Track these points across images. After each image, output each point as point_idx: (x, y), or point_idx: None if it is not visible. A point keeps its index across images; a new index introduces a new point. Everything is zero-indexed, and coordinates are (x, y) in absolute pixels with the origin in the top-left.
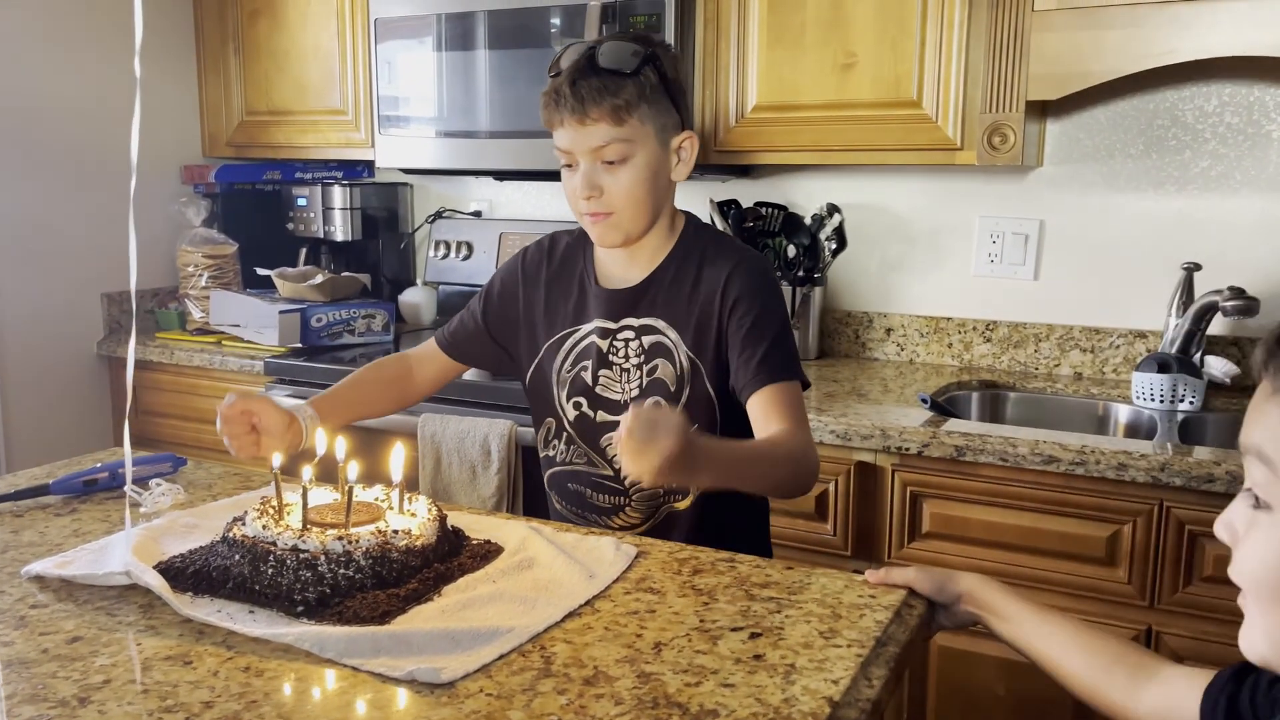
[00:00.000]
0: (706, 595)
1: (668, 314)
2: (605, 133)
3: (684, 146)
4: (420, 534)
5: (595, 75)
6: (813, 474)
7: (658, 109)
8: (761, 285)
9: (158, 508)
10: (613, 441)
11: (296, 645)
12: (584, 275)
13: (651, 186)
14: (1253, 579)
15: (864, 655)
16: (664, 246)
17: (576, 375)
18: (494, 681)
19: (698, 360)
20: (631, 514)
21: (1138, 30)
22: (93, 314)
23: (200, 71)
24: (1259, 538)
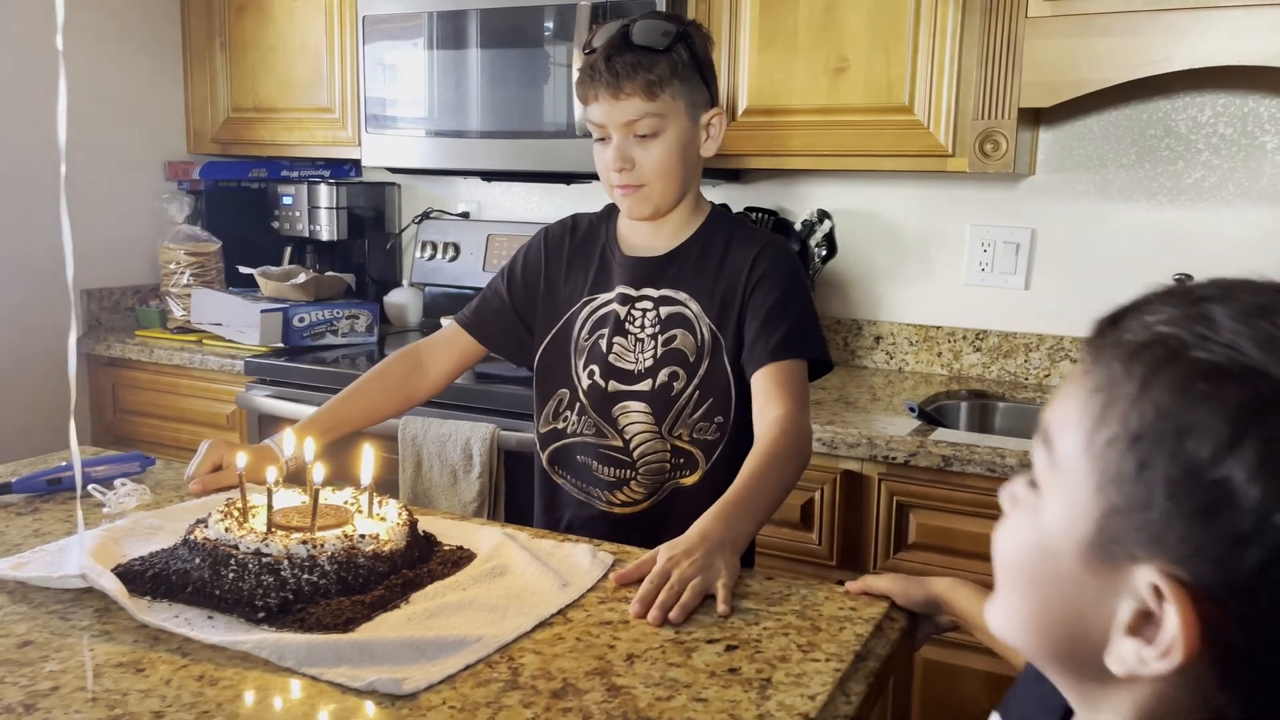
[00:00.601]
0: None
1: (692, 286)
2: (638, 107)
3: (713, 123)
4: (389, 539)
5: (630, 51)
6: (807, 454)
7: (689, 85)
8: (789, 267)
9: (121, 509)
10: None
11: (255, 653)
12: (606, 247)
13: (682, 160)
14: (1000, 560)
15: (842, 670)
16: (690, 223)
17: (594, 343)
18: (458, 693)
19: (720, 334)
20: (635, 489)
21: (1132, 38)
22: (70, 310)
23: (186, 67)
24: (1017, 520)
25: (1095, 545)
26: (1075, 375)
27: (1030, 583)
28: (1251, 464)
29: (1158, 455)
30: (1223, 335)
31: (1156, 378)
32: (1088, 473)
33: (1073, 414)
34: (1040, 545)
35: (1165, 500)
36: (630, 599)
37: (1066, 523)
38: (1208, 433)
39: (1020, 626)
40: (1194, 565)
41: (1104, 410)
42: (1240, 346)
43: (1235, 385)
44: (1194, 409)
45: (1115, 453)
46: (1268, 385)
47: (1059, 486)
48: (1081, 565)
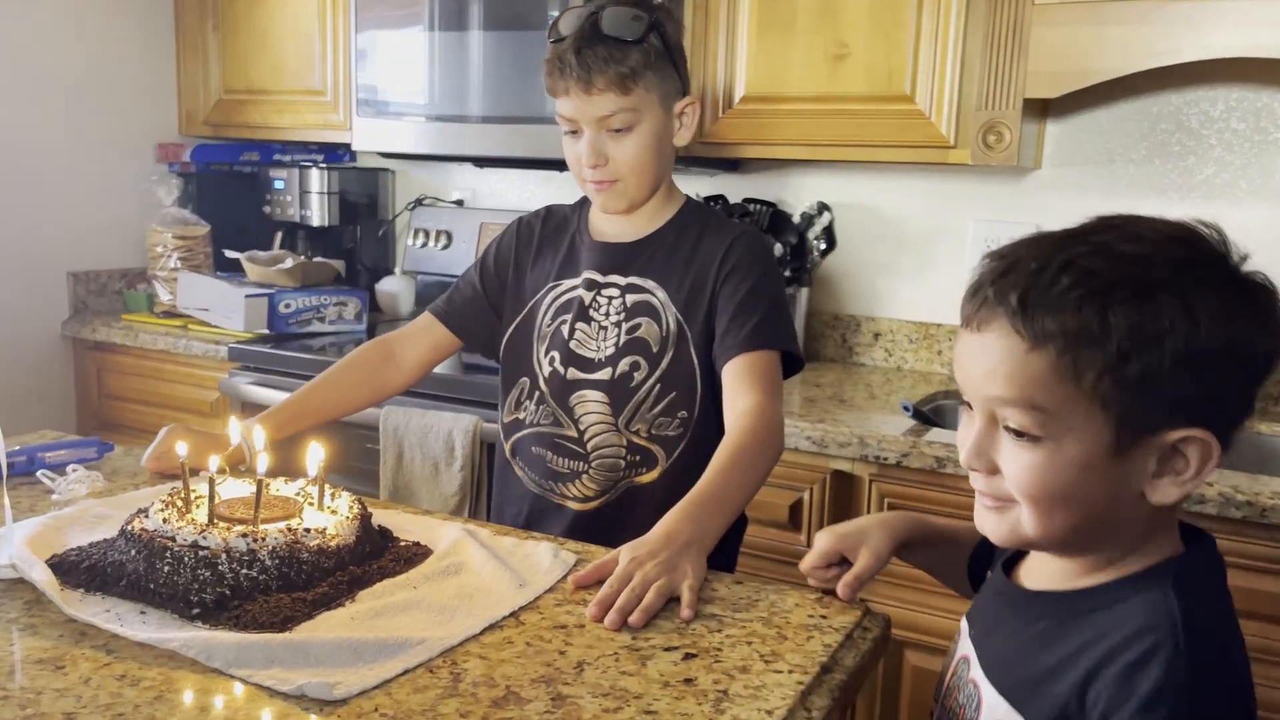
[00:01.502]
0: None
1: (660, 274)
2: (611, 102)
3: (686, 112)
4: (336, 534)
5: (600, 43)
6: (780, 447)
7: (662, 76)
8: (761, 258)
9: (71, 495)
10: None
11: (182, 652)
12: (576, 233)
13: (656, 153)
14: (1043, 493)
15: (805, 683)
16: (663, 212)
17: (556, 330)
18: (393, 700)
19: (686, 325)
20: (589, 484)
21: (1142, 27)
22: (58, 292)
23: (179, 48)
24: (1038, 461)
25: (1119, 443)
26: (1010, 349)
27: (1075, 498)
28: (1210, 331)
29: (1147, 362)
30: (1117, 275)
31: (1108, 317)
32: (1090, 404)
33: (1049, 376)
34: (1075, 470)
35: (1171, 387)
36: (590, 601)
37: (1090, 443)
38: (1173, 329)
39: (1064, 530)
40: (1201, 412)
41: (1077, 360)
42: (1131, 275)
43: (1162, 293)
44: (1154, 321)
45: (1109, 379)
46: (1180, 290)
47: (1070, 427)
48: (1111, 462)
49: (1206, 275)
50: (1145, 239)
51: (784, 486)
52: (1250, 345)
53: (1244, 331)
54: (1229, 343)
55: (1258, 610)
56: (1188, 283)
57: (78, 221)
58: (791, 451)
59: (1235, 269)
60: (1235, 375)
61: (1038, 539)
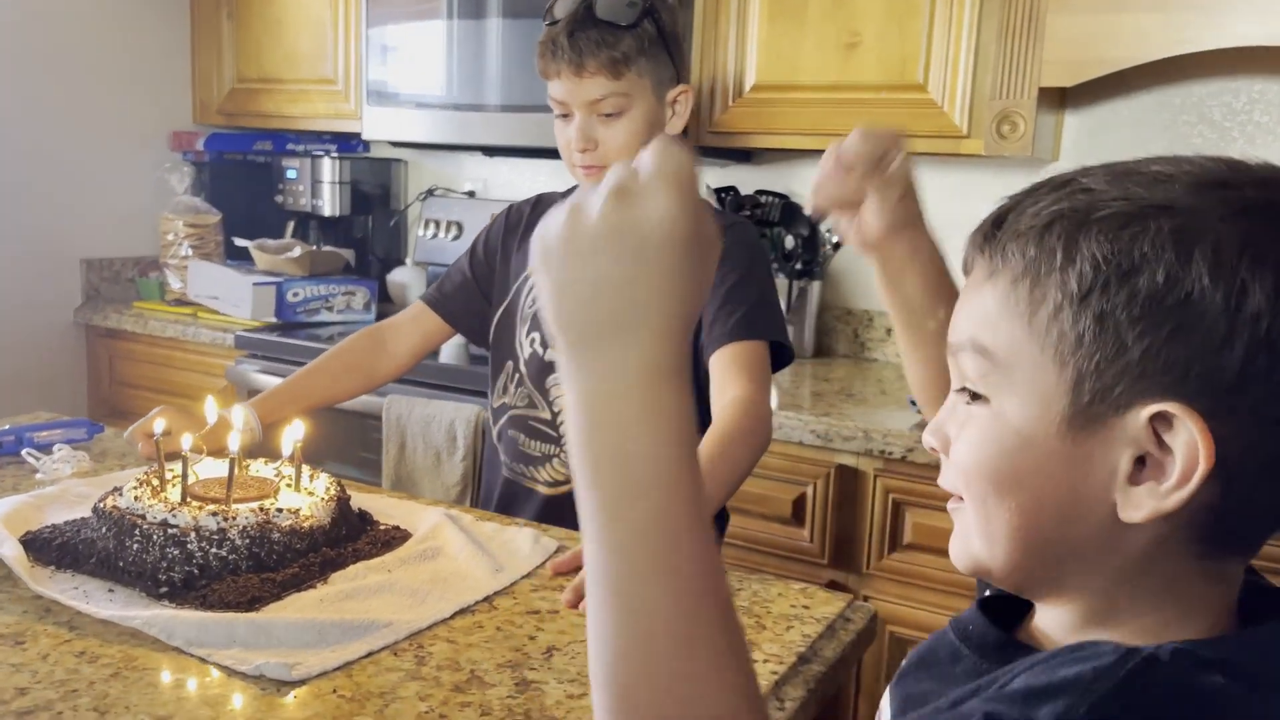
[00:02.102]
0: None
1: None
2: (602, 86)
3: (679, 100)
4: (310, 514)
5: (593, 26)
6: (767, 437)
7: (655, 62)
8: (750, 248)
9: (55, 475)
10: None
11: (144, 630)
12: None
13: (647, 139)
14: (976, 473)
15: (780, 673)
16: None
17: (537, 310)
18: (353, 682)
19: None
20: (559, 467)
21: (1161, 15)
22: (71, 280)
23: (194, 37)
24: (976, 430)
25: (1075, 415)
26: (978, 285)
27: (1014, 484)
28: (1205, 272)
29: (1113, 302)
30: (1113, 193)
31: (1078, 241)
32: (1040, 352)
33: (996, 311)
34: (1015, 442)
35: (1138, 338)
36: (562, 589)
37: (1037, 408)
38: (1154, 263)
39: (1007, 540)
40: (1184, 386)
41: (1033, 291)
42: (1135, 195)
43: (1155, 219)
44: (1131, 249)
45: (1065, 321)
46: (1183, 213)
47: (1012, 382)
48: (1065, 442)
49: (1235, 202)
50: (1174, 161)
51: (787, 481)
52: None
53: (1274, 281)
54: (1242, 292)
55: None
56: (1199, 205)
57: (91, 209)
58: (796, 445)
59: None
60: (1248, 342)
61: (986, 554)
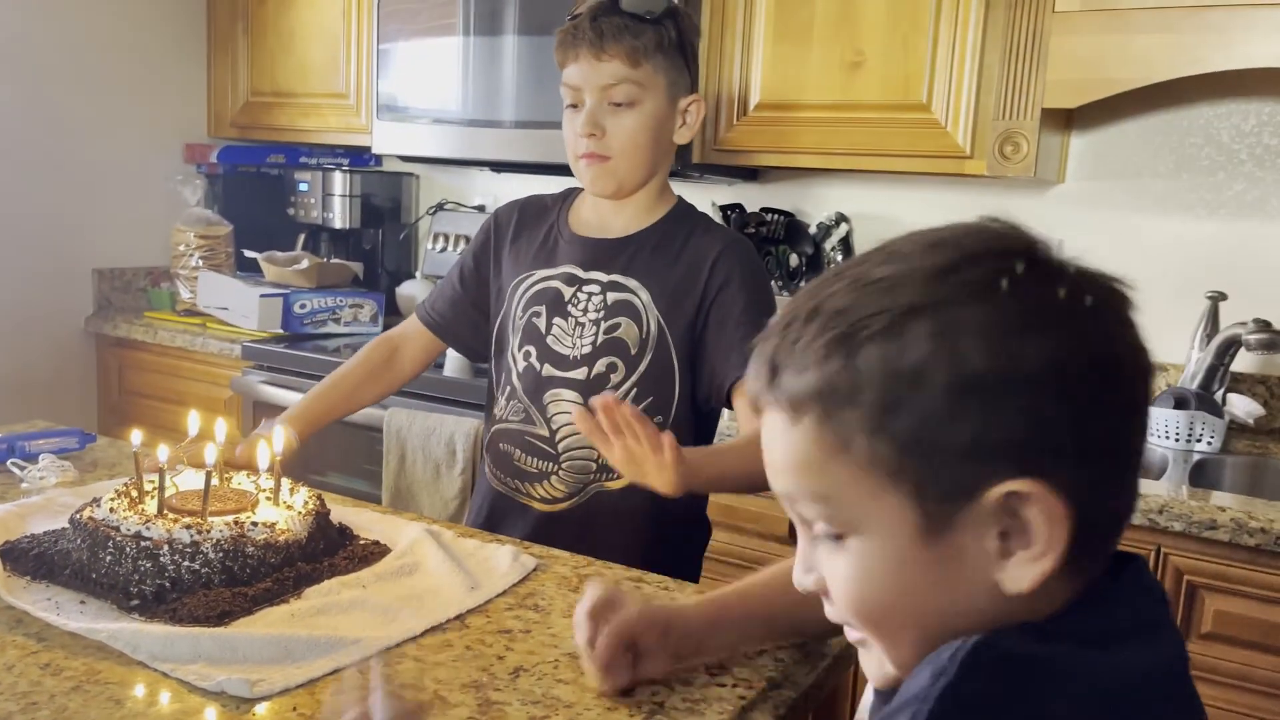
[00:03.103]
0: None
1: (644, 274)
2: (619, 71)
3: (690, 109)
4: (287, 528)
5: (617, 15)
6: None
7: (672, 63)
8: (755, 271)
9: (40, 485)
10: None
11: (110, 644)
12: (556, 224)
13: (653, 138)
14: (862, 608)
15: (748, 698)
16: (652, 211)
17: (529, 321)
18: (314, 700)
19: (667, 328)
20: (557, 485)
21: (1166, 36)
22: (83, 289)
23: (210, 50)
24: (845, 568)
25: (929, 522)
26: (780, 430)
27: (901, 604)
28: (979, 356)
29: (913, 410)
30: (863, 309)
31: (856, 367)
32: (871, 478)
33: (812, 455)
34: (886, 568)
35: (952, 434)
36: (536, 608)
37: (893, 529)
38: (932, 364)
39: (912, 649)
40: (1013, 457)
41: (836, 427)
42: (884, 305)
43: (913, 324)
44: (904, 360)
45: (879, 444)
46: (933, 310)
47: (859, 515)
48: (932, 549)
49: (971, 280)
50: (902, 255)
51: None
52: (1062, 357)
53: (1041, 341)
54: (1018, 360)
55: (1273, 644)
56: (942, 295)
57: (105, 220)
58: None
59: (1039, 263)
60: (1051, 401)
61: (900, 668)
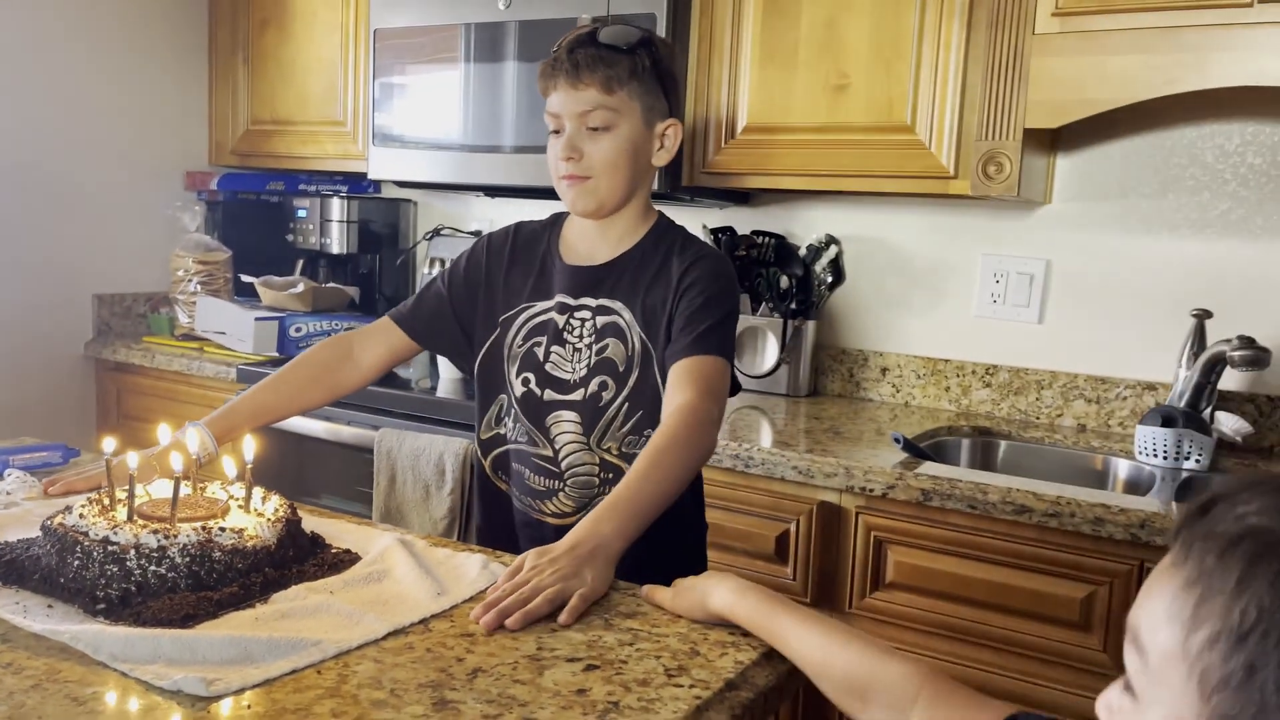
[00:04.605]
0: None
1: (626, 295)
2: (594, 98)
3: (668, 134)
4: (255, 535)
5: (594, 47)
6: (708, 443)
7: (647, 90)
8: (718, 276)
9: (8, 501)
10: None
11: (72, 644)
12: (548, 254)
13: (631, 159)
14: None
15: (704, 698)
16: (635, 232)
17: (529, 351)
18: (270, 699)
19: (650, 344)
20: (565, 500)
21: (1144, 57)
22: (83, 314)
23: (211, 80)
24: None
25: None
26: (1163, 571)
27: None
28: None
29: (1267, 657)
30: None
31: (1255, 572)
32: (1187, 677)
33: (1163, 612)
34: None
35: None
36: (501, 613)
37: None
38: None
39: None
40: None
41: (1198, 607)
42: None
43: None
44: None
45: (1218, 654)
46: None
47: (1158, 694)
48: None
49: None
50: None
51: (770, 518)
52: None
53: None
54: None
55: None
56: None
57: (105, 245)
58: (778, 481)
59: None
60: None
61: None
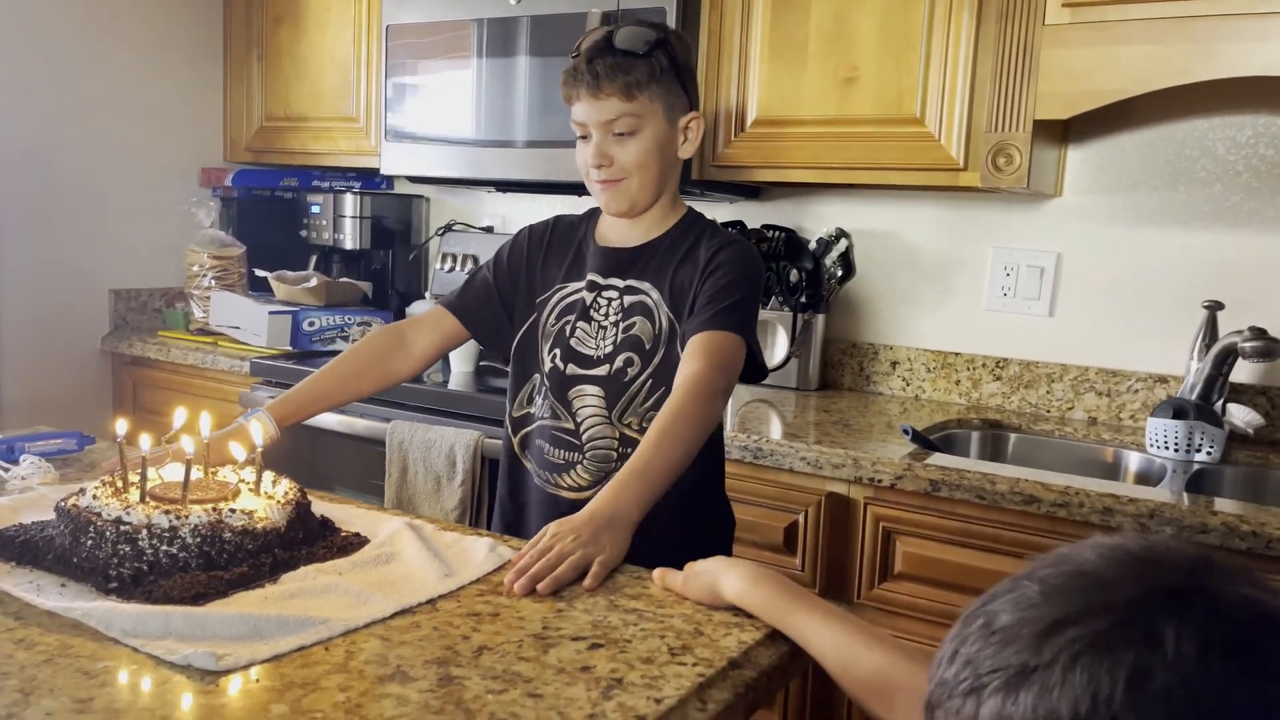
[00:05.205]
0: (565, 603)
1: (655, 277)
2: (616, 107)
3: (690, 126)
4: (265, 517)
5: (611, 54)
6: (715, 412)
7: (666, 89)
8: (745, 260)
9: (23, 485)
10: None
11: (84, 621)
12: (584, 240)
13: (658, 158)
14: None
15: (707, 676)
16: (665, 221)
17: (561, 329)
18: (278, 673)
19: (676, 323)
20: (582, 474)
21: (1151, 48)
22: (100, 309)
23: (226, 77)
24: None
25: None
26: None
27: None
28: None
29: None
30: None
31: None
32: None
33: None
34: None
35: None
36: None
37: None
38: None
39: None
40: None
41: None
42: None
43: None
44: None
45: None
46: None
47: None
48: None
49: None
50: (1028, 600)
51: (779, 509)
52: None
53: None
54: None
55: None
56: (1046, 659)
57: (122, 242)
58: (787, 473)
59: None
60: None
61: None
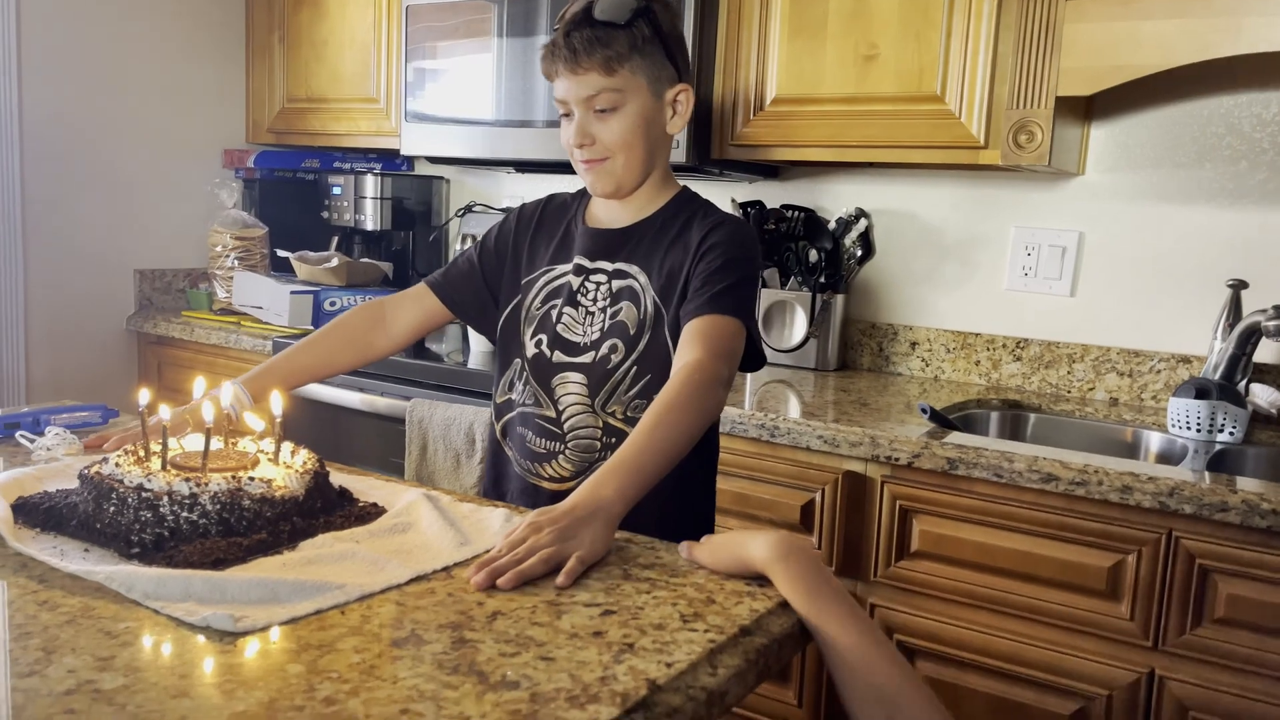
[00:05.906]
0: None
1: (644, 259)
2: (596, 82)
3: (679, 99)
4: (284, 485)
5: (590, 27)
6: (714, 402)
7: (650, 61)
8: (739, 240)
9: (49, 455)
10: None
11: (106, 584)
12: (573, 220)
13: (644, 135)
14: None
15: (718, 642)
16: (656, 199)
17: (545, 313)
18: (295, 635)
19: (663, 308)
20: (564, 464)
21: (1176, 22)
22: (125, 289)
23: (248, 59)
24: None
25: None
26: None
27: None
28: None
29: None
30: None
31: None
32: None
33: None
34: None
35: None
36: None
37: None
38: None
39: None
40: None
41: None
42: None
43: None
44: None
45: None
46: None
47: None
48: None
49: None
50: None
51: (795, 487)
52: None
53: None
54: None
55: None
56: None
57: (146, 223)
58: (804, 451)
59: None
60: None
61: None
